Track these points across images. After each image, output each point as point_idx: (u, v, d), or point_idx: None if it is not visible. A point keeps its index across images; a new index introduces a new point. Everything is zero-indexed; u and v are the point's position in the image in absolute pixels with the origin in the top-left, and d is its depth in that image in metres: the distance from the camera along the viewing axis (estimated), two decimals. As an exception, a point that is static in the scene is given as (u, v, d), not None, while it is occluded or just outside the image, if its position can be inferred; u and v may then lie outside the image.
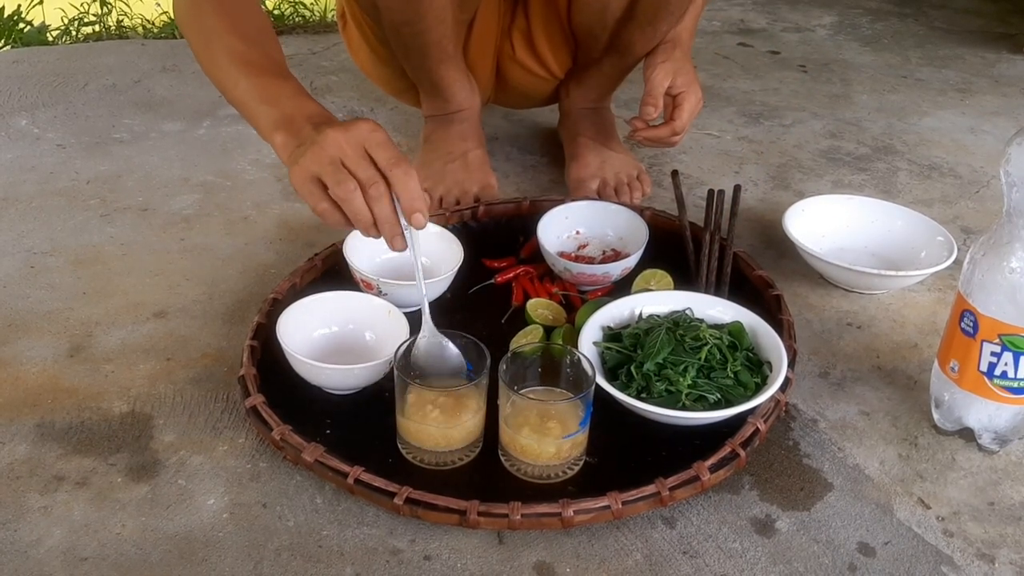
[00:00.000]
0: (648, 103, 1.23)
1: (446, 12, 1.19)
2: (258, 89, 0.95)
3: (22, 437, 0.94)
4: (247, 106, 0.96)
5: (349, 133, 0.86)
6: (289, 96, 0.95)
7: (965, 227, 1.39)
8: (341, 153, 0.86)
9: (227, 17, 1.00)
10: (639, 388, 0.94)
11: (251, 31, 1.00)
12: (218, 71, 0.99)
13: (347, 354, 0.99)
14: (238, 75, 0.96)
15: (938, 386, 0.97)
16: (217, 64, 0.99)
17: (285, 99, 0.94)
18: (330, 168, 0.86)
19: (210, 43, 1.00)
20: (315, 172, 0.86)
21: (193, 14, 1.03)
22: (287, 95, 0.95)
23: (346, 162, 0.86)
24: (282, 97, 0.95)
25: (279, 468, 0.91)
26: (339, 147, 0.86)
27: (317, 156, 0.86)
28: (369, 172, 0.86)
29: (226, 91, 0.99)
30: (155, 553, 0.82)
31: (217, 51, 0.98)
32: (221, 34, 0.98)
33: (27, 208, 1.34)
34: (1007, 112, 1.83)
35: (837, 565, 0.83)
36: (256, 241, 1.28)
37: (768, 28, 2.28)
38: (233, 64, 0.97)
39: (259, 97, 0.95)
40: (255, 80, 0.96)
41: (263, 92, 0.95)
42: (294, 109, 0.93)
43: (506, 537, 0.85)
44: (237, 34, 0.98)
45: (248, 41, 0.99)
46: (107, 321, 1.11)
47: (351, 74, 1.78)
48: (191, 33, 1.04)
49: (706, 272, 1.15)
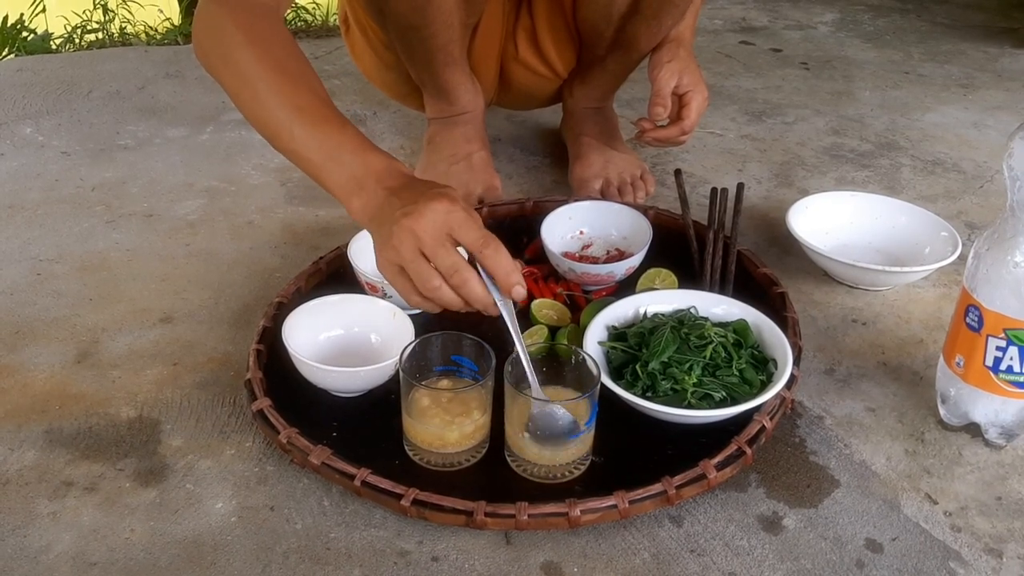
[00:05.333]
0: (657, 103, 1.23)
1: (453, 17, 1.19)
2: (317, 141, 0.88)
3: (31, 443, 0.94)
4: (308, 162, 0.89)
5: (423, 219, 0.80)
6: (352, 151, 0.88)
7: (969, 222, 1.39)
8: (419, 244, 0.80)
9: (263, 52, 0.91)
10: (644, 387, 0.94)
11: (287, 61, 0.92)
12: (265, 114, 0.90)
13: (353, 357, 0.99)
14: (291, 123, 0.89)
15: (944, 381, 0.97)
16: (263, 107, 0.90)
17: (348, 154, 0.87)
18: (412, 264, 0.81)
19: (248, 82, 0.91)
20: (399, 264, 0.82)
21: (219, 46, 0.94)
22: (349, 150, 0.88)
23: (426, 252, 0.80)
24: (345, 151, 0.87)
25: (286, 471, 0.91)
26: (416, 238, 0.80)
27: (397, 249, 0.81)
28: (449, 261, 0.80)
29: (277, 139, 0.91)
30: (164, 557, 0.82)
31: (261, 92, 0.90)
32: (258, 71, 0.90)
33: (33, 215, 1.34)
34: (1010, 106, 1.83)
35: (845, 561, 0.83)
36: (261, 245, 1.28)
37: (770, 26, 2.28)
38: (283, 109, 0.89)
39: (321, 152, 0.88)
40: (312, 131, 0.88)
41: (323, 146, 0.88)
42: (361, 168, 0.86)
43: (513, 537, 0.85)
44: (274, 67, 0.91)
45: (290, 76, 0.91)
46: (114, 327, 1.11)
47: (354, 78, 1.79)
48: (220, 66, 0.94)
49: (710, 270, 1.15)
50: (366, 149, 0.88)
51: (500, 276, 0.82)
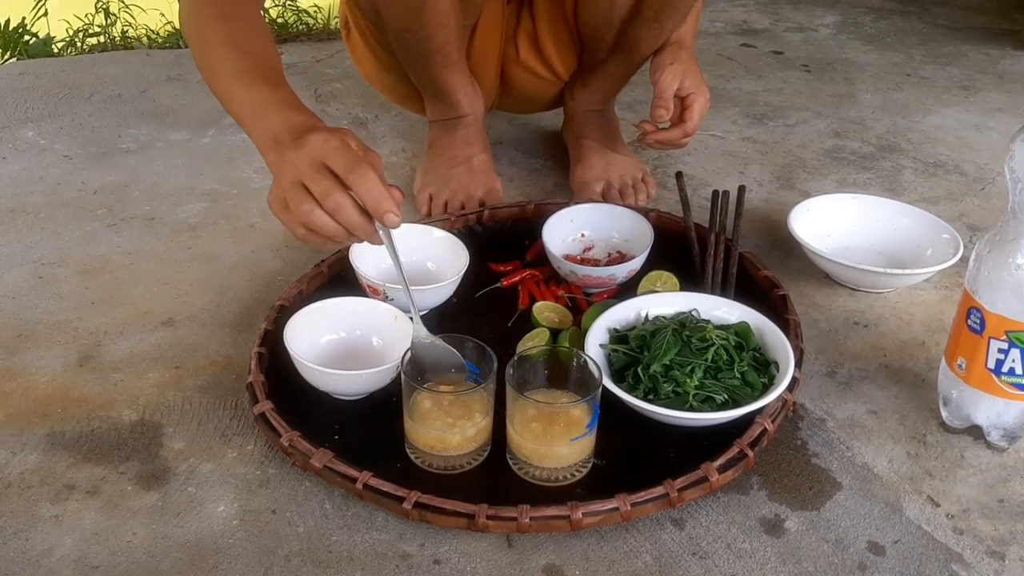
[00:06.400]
0: (659, 106, 1.23)
1: (449, 18, 1.19)
2: (250, 102, 0.92)
3: (32, 447, 0.94)
4: (243, 122, 0.93)
5: (303, 150, 0.83)
6: (275, 107, 0.90)
7: (971, 224, 1.39)
8: (298, 173, 0.82)
9: (225, 25, 0.97)
10: (646, 390, 0.94)
11: (246, 40, 0.97)
12: (216, 83, 0.96)
13: (354, 359, 0.99)
14: (232, 87, 0.93)
15: (946, 384, 0.97)
16: (215, 76, 0.96)
17: (272, 112, 0.90)
18: (289, 192, 0.83)
19: (208, 54, 0.97)
20: (281, 198, 0.84)
21: (195, 23, 1.00)
22: (273, 106, 0.90)
23: (304, 181, 0.82)
24: (269, 109, 0.90)
25: (288, 474, 0.91)
26: (295, 168, 0.83)
27: (280, 181, 0.84)
28: (322, 186, 0.82)
29: (223, 104, 0.96)
30: (166, 561, 0.82)
31: (216, 63, 0.96)
32: (220, 46, 0.96)
33: (35, 219, 1.35)
34: (1012, 108, 1.83)
35: (847, 564, 0.83)
36: (263, 248, 1.28)
37: (771, 28, 2.28)
38: (227, 75, 0.94)
39: (251, 111, 0.91)
40: (247, 92, 0.92)
41: (254, 105, 0.91)
42: (280, 123, 0.88)
43: (515, 540, 0.85)
44: (235, 45, 0.96)
45: (243, 51, 0.96)
46: (115, 330, 1.11)
47: (355, 81, 1.79)
48: (193, 42, 1.01)
49: (712, 273, 1.15)
50: (291, 107, 0.91)
51: (369, 202, 0.82)
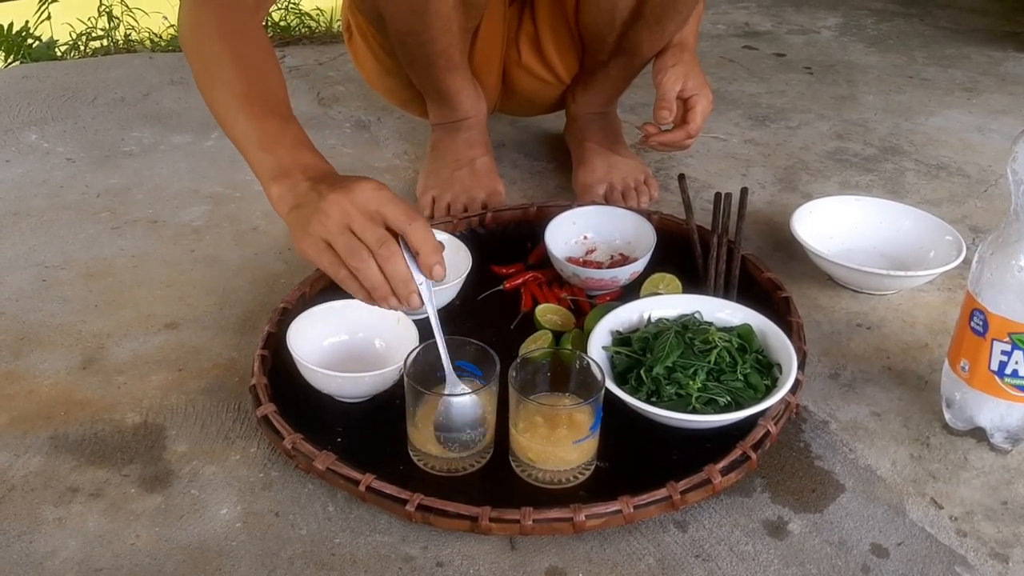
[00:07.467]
0: (662, 107, 1.23)
1: (451, 21, 1.20)
2: (257, 132, 0.90)
3: (36, 449, 0.94)
4: (245, 149, 0.91)
5: (353, 195, 0.82)
6: (288, 145, 0.90)
7: (974, 226, 1.39)
8: (348, 219, 0.81)
9: (229, 45, 0.96)
10: (649, 392, 0.94)
11: (253, 64, 0.96)
12: (217, 104, 0.94)
13: (357, 362, 1.00)
14: (237, 113, 0.92)
15: (949, 386, 0.97)
16: (217, 96, 0.94)
17: (283, 148, 0.89)
18: (340, 236, 0.81)
19: (210, 72, 0.95)
20: (326, 239, 0.82)
21: (195, 37, 0.99)
22: (286, 144, 0.90)
23: (353, 227, 0.81)
24: (280, 145, 0.89)
25: (291, 477, 0.91)
26: (345, 212, 0.81)
27: (324, 223, 0.82)
28: (378, 235, 0.81)
29: (223, 125, 0.94)
30: (169, 563, 0.82)
31: (217, 82, 0.94)
32: (226, 67, 0.94)
33: (38, 222, 1.35)
34: (1014, 110, 1.83)
35: (850, 566, 0.83)
36: (266, 251, 1.28)
37: (773, 30, 2.28)
38: (234, 99, 0.92)
39: (257, 142, 0.90)
40: (255, 123, 0.91)
41: (261, 136, 0.90)
42: (290, 160, 0.88)
43: (518, 542, 0.85)
44: (239, 67, 0.94)
45: (250, 77, 0.94)
46: (119, 333, 1.12)
47: (357, 84, 1.79)
48: (192, 57, 0.99)
49: (714, 275, 1.15)
50: (301, 146, 0.91)
51: (425, 252, 0.82)
